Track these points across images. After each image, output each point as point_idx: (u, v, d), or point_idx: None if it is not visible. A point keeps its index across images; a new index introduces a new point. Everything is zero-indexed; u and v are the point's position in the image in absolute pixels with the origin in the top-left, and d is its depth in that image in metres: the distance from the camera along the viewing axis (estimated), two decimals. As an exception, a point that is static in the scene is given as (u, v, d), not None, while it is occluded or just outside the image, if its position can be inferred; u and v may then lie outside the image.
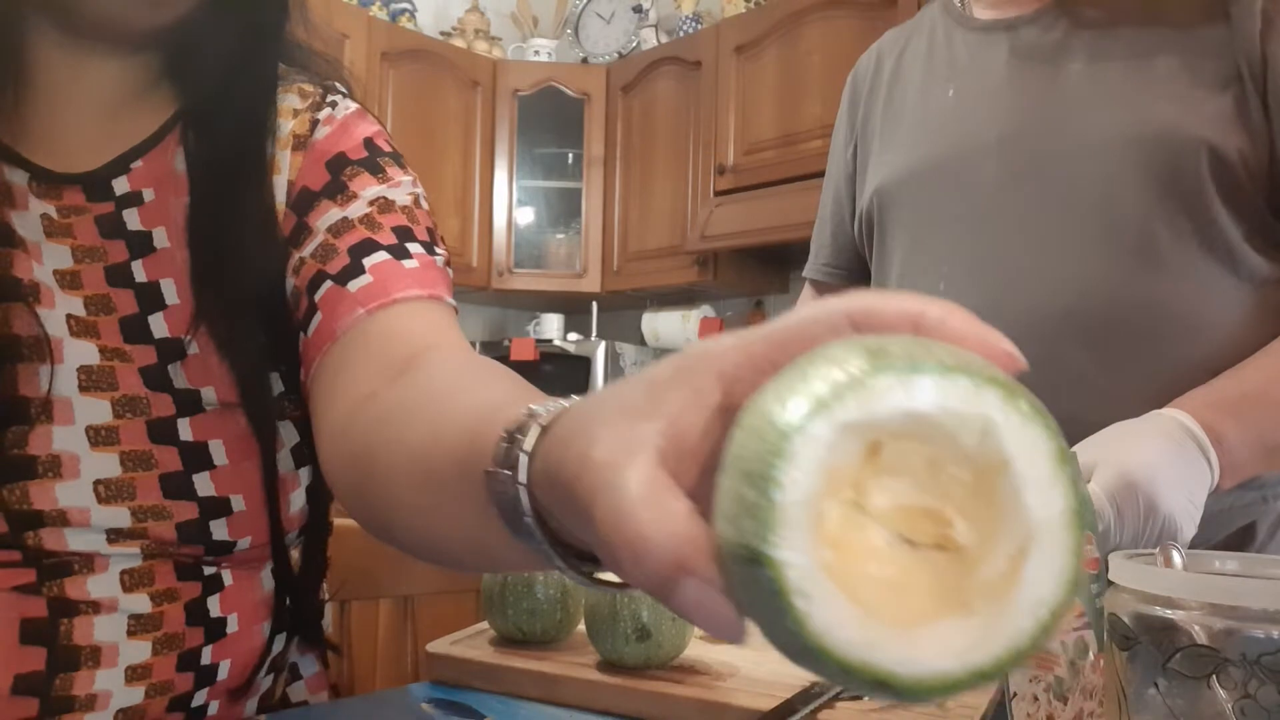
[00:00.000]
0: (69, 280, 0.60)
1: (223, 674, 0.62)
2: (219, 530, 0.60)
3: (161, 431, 0.59)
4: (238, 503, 0.60)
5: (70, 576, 0.55)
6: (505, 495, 0.34)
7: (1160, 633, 0.42)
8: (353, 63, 2.95)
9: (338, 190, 0.64)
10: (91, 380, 0.57)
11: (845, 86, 1.13)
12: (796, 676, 0.66)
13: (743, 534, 0.22)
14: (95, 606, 0.56)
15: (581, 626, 0.72)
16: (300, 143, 0.66)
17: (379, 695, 0.68)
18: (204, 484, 0.59)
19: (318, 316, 0.61)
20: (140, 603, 0.58)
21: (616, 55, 3.39)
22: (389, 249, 0.62)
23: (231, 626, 0.62)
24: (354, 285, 0.60)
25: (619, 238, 3.27)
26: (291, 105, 0.68)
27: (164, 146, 0.64)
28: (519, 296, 3.50)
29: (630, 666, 0.67)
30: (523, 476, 0.33)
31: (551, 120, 3.36)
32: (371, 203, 0.64)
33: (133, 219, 0.62)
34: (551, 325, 3.47)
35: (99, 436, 0.57)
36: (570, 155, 3.40)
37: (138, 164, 0.63)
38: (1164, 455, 0.68)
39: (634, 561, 0.24)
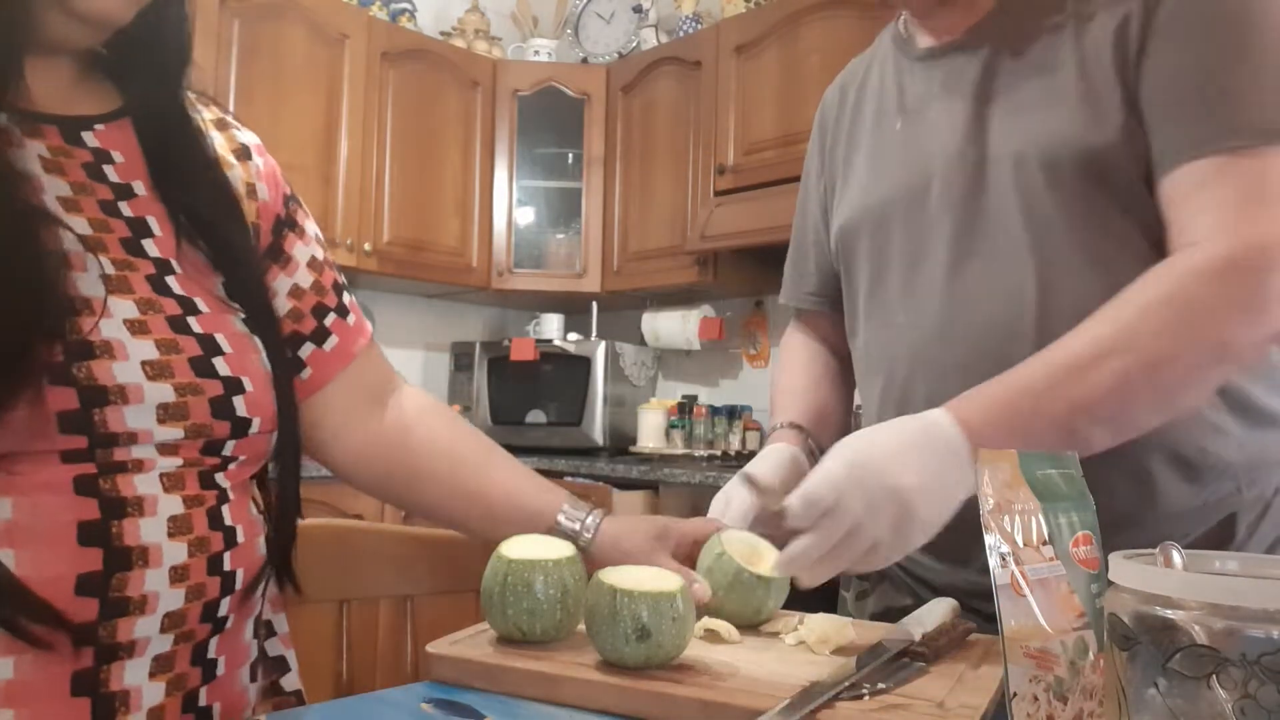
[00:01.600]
0: (72, 205, 0.68)
1: (238, 582, 0.70)
2: (240, 406, 0.70)
3: (177, 325, 0.68)
4: (248, 383, 0.71)
5: (123, 474, 0.63)
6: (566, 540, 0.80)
7: (1160, 633, 0.42)
8: (353, 63, 2.96)
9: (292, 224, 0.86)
10: (113, 285, 0.66)
11: (816, 118, 1.16)
12: (796, 676, 0.66)
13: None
14: (139, 507, 0.63)
15: (581, 626, 0.72)
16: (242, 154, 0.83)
17: (379, 695, 0.68)
18: (221, 366, 0.69)
19: (332, 338, 0.86)
20: (175, 504, 0.66)
21: (616, 55, 3.40)
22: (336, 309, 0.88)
23: (240, 536, 0.71)
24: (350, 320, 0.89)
25: (619, 238, 3.27)
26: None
27: (120, 124, 0.75)
28: (519, 296, 3.50)
29: (630, 666, 0.67)
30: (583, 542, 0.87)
31: (551, 120, 3.37)
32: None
33: (111, 173, 0.72)
34: (551, 325, 3.47)
35: (135, 327, 0.65)
36: (570, 155, 3.40)
37: (100, 127, 0.73)
38: (888, 434, 0.75)
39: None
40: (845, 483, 0.72)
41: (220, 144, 0.81)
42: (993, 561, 0.54)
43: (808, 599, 0.82)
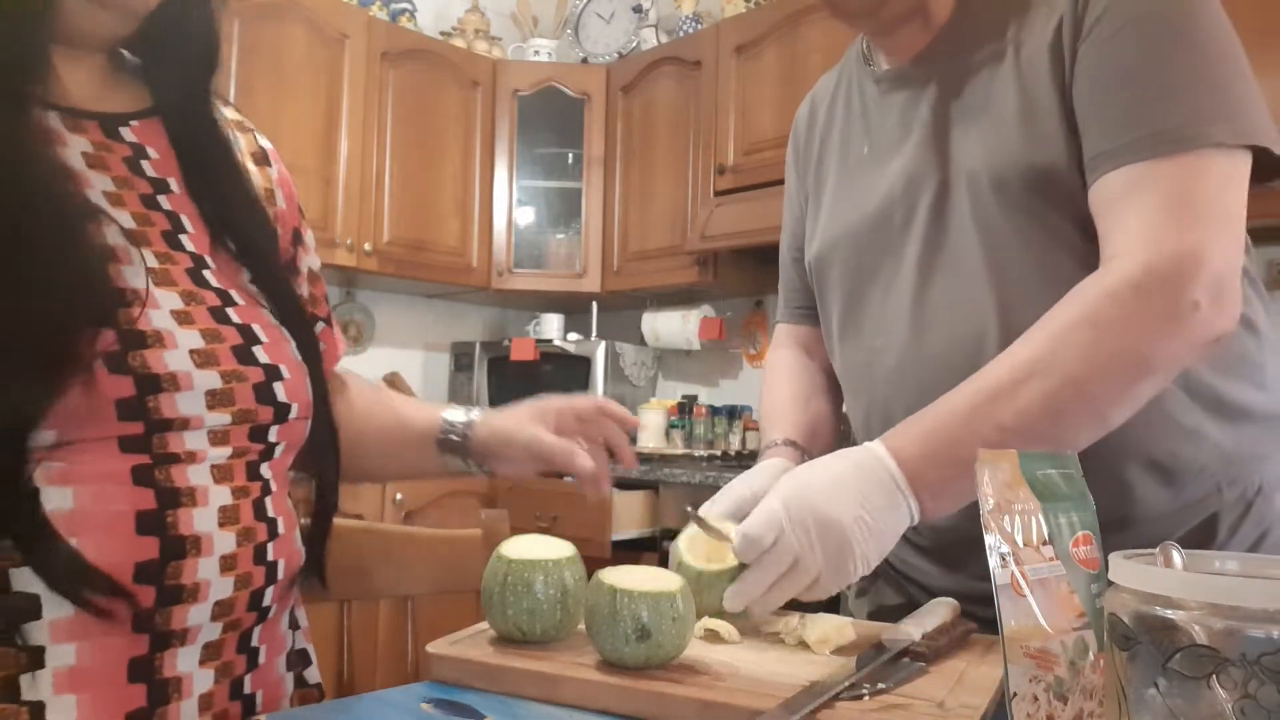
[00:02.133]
0: (116, 200, 0.71)
1: (280, 573, 0.73)
2: (280, 392, 0.73)
3: (219, 316, 0.71)
4: (285, 371, 0.74)
5: (177, 464, 0.66)
6: (454, 447, 0.92)
7: (1160, 633, 0.42)
8: (353, 63, 2.96)
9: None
10: (158, 277, 0.69)
11: (790, 137, 1.16)
12: (796, 676, 0.66)
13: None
14: (192, 497, 0.66)
15: (581, 626, 0.72)
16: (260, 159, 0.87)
17: (379, 695, 0.68)
18: (260, 354, 0.72)
19: (321, 346, 0.86)
20: (224, 495, 0.68)
21: (616, 55, 3.40)
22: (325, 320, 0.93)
23: (281, 528, 0.73)
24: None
25: (619, 238, 3.27)
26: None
27: (151, 122, 0.77)
28: (519, 296, 3.50)
29: (630, 666, 0.67)
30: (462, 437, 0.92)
31: (551, 120, 3.37)
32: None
33: (148, 168, 0.74)
34: (551, 325, 3.47)
35: (181, 318, 0.68)
36: (570, 155, 3.40)
37: (135, 124, 0.75)
38: (822, 470, 0.75)
39: (569, 460, 0.87)
40: (784, 520, 0.73)
41: (241, 146, 0.83)
42: (993, 561, 0.54)
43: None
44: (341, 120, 2.93)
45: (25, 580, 0.61)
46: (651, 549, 2.52)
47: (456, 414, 0.93)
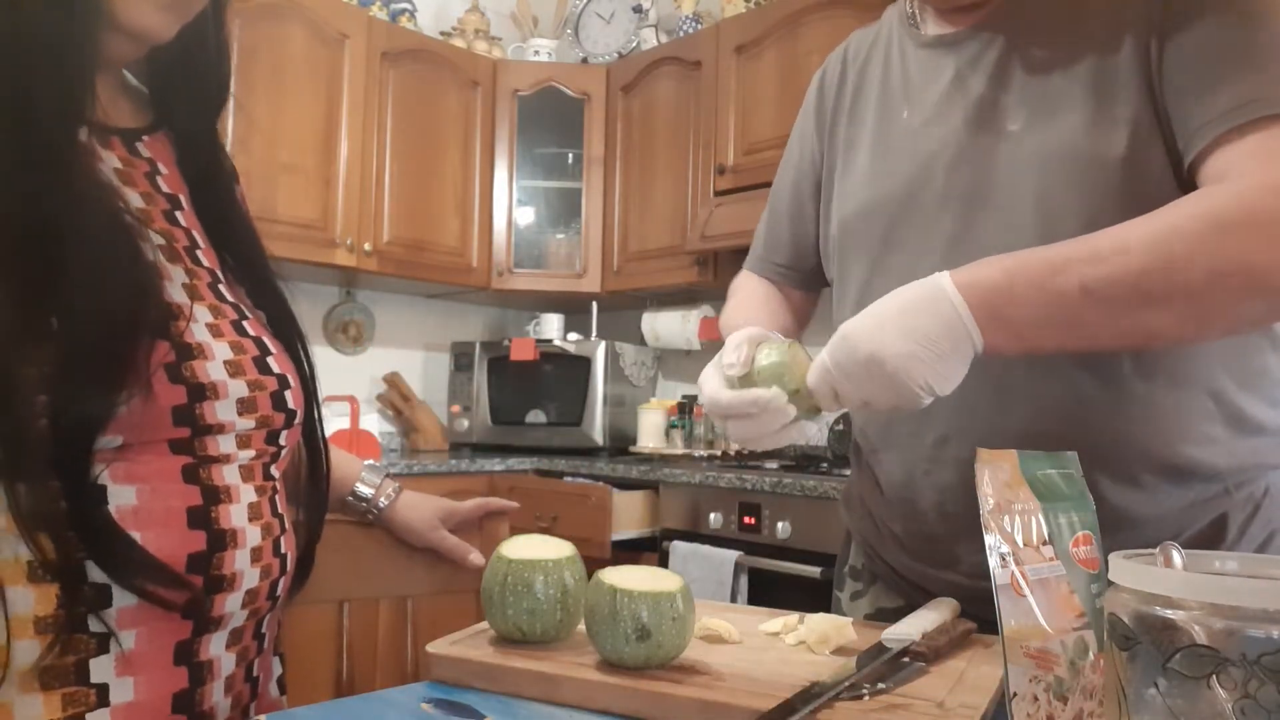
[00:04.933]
0: (145, 216, 0.75)
1: (289, 565, 0.78)
2: (289, 400, 0.78)
3: (238, 329, 0.76)
4: (290, 380, 0.79)
5: (215, 465, 0.71)
6: (362, 511, 1.01)
7: (1160, 633, 0.42)
8: (353, 63, 2.96)
9: None
10: (189, 291, 0.73)
11: (812, 84, 1.12)
12: (796, 676, 0.66)
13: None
14: (229, 494, 0.72)
15: (581, 626, 0.72)
16: None
17: (379, 695, 0.68)
18: (273, 364, 0.77)
19: None
20: (251, 493, 0.74)
21: (616, 55, 3.39)
22: None
23: (286, 523, 0.79)
24: None
25: (619, 238, 3.27)
26: None
27: (157, 137, 0.80)
28: (519, 296, 3.50)
29: (630, 666, 0.67)
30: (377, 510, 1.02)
31: (551, 120, 3.36)
32: None
33: (162, 184, 0.78)
34: (551, 325, 3.47)
35: (213, 330, 0.73)
36: (570, 155, 3.40)
37: (146, 139, 0.79)
38: (884, 310, 0.74)
39: (463, 559, 1.03)
40: (832, 371, 0.75)
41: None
42: (993, 561, 0.54)
43: (807, 599, 0.82)
44: (341, 120, 2.93)
45: (98, 571, 0.65)
46: (651, 549, 2.52)
47: (374, 477, 1.01)
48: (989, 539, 0.55)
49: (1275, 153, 0.72)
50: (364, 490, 1.00)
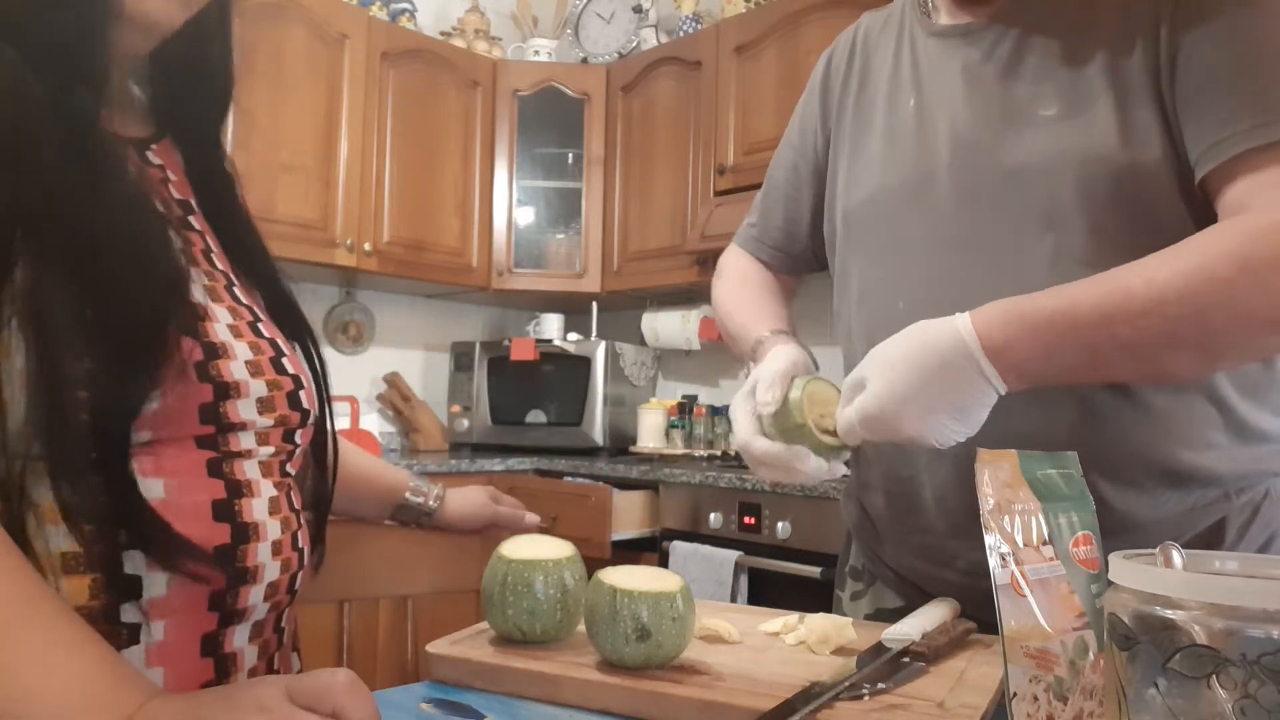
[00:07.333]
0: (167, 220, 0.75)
1: (304, 559, 0.79)
2: (303, 399, 0.79)
3: (255, 330, 0.76)
4: (304, 380, 0.80)
5: (237, 460, 0.72)
6: (416, 516, 1.07)
7: (1160, 633, 0.42)
8: (353, 62, 2.96)
9: None
10: (209, 295, 0.75)
11: (819, 65, 1.10)
12: (796, 676, 0.66)
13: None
14: (250, 489, 0.73)
15: (581, 626, 0.72)
16: None
17: (379, 695, 0.68)
18: (287, 364, 0.78)
19: None
20: (270, 488, 0.75)
21: (616, 55, 3.39)
22: None
23: (300, 519, 0.80)
24: None
25: (619, 238, 3.27)
26: None
27: (164, 145, 0.80)
28: (519, 296, 3.50)
29: (630, 666, 0.67)
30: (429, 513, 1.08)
31: (551, 120, 3.36)
32: None
33: (173, 190, 0.79)
34: (551, 325, 3.47)
35: (234, 332, 0.74)
36: (570, 155, 3.40)
37: (154, 146, 0.79)
38: (910, 382, 0.74)
39: (518, 523, 1.12)
40: (863, 431, 0.77)
41: None
42: (993, 561, 0.54)
43: (807, 599, 0.83)
44: (341, 120, 2.93)
45: (133, 563, 0.67)
46: (651, 549, 2.52)
47: (422, 485, 1.08)
48: (989, 539, 0.55)
49: None
50: (415, 500, 1.06)
